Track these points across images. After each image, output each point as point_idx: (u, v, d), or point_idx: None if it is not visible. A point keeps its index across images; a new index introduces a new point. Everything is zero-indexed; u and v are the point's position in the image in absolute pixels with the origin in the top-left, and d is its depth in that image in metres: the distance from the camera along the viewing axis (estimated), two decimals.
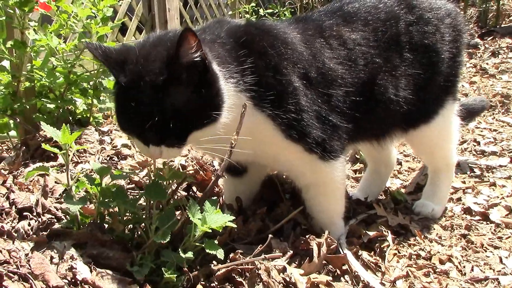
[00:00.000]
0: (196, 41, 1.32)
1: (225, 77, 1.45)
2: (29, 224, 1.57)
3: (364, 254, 1.73)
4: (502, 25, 6.52)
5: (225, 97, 1.43)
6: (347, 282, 1.60)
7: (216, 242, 1.46)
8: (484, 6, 6.80)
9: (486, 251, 1.88)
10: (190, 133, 1.40)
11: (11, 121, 2.67)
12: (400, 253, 1.84)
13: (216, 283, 1.44)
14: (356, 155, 2.74)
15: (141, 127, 1.37)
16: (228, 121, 1.45)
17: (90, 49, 1.43)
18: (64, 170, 2.18)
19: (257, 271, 1.45)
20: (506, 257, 1.83)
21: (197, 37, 1.32)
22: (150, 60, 1.37)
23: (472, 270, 1.76)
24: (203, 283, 1.43)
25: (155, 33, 1.54)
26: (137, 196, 1.63)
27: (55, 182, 1.94)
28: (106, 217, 1.61)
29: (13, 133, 2.74)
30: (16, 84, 2.57)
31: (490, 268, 1.77)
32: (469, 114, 2.44)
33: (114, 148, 2.58)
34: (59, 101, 2.68)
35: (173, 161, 2.45)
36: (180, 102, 1.36)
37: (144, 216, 1.57)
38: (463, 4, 6.80)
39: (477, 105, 2.56)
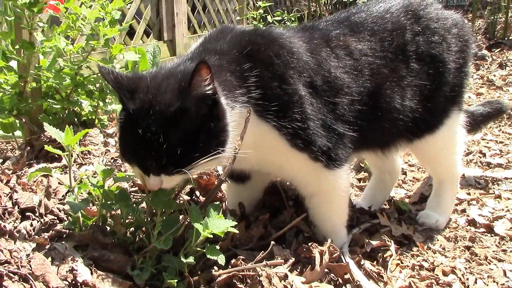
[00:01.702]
0: (209, 74, 1.32)
1: (231, 106, 1.45)
2: (31, 225, 1.57)
3: (367, 264, 1.72)
4: (510, 37, 6.50)
5: (230, 132, 1.43)
6: None
7: (218, 247, 1.45)
8: (492, 18, 6.78)
9: (490, 264, 1.86)
10: (192, 164, 1.39)
11: (17, 121, 2.68)
12: (403, 263, 1.82)
13: None
14: (360, 164, 2.73)
15: (144, 155, 1.36)
16: (231, 150, 1.45)
17: (103, 73, 1.43)
18: (68, 171, 2.18)
19: (258, 278, 1.44)
20: (510, 270, 1.81)
21: (210, 70, 1.32)
22: (161, 90, 1.38)
23: (476, 282, 1.74)
24: None
25: (167, 65, 1.55)
26: (140, 199, 1.63)
27: (59, 183, 1.95)
28: (108, 220, 1.61)
29: (18, 133, 2.76)
30: (23, 84, 2.58)
31: (494, 281, 1.76)
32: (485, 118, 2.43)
33: (119, 151, 2.58)
34: (65, 102, 2.70)
35: None
36: (186, 134, 1.36)
37: (146, 220, 1.56)
38: (471, 15, 6.79)
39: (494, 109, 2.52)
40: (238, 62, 1.53)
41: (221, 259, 1.41)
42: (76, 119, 2.82)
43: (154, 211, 1.53)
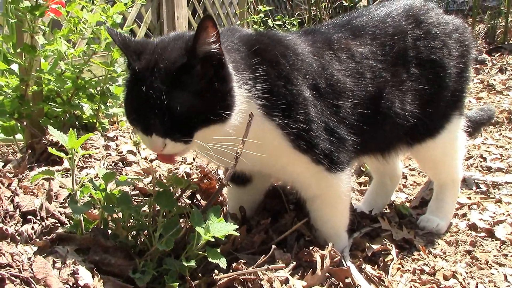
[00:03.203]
0: (215, 31, 1.33)
1: (238, 82, 1.46)
2: (32, 228, 1.57)
3: (368, 268, 1.72)
4: (510, 42, 6.51)
5: (237, 99, 1.43)
6: None
7: (218, 251, 1.45)
8: (492, 22, 6.80)
9: (491, 268, 1.86)
10: (198, 129, 1.38)
11: (18, 124, 2.69)
12: (404, 267, 1.82)
13: None
14: (361, 168, 2.74)
15: (148, 114, 1.35)
16: (238, 124, 1.44)
17: (111, 34, 1.46)
18: (69, 175, 2.18)
19: (259, 282, 1.44)
20: (511, 275, 1.81)
21: (217, 27, 1.32)
22: (167, 50, 1.40)
23: (477, 287, 1.74)
24: None
25: (176, 32, 1.57)
26: (141, 203, 1.63)
27: (60, 186, 1.95)
28: (110, 223, 1.61)
29: (19, 136, 2.76)
30: (24, 87, 2.59)
31: (495, 286, 1.76)
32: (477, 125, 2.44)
33: (120, 154, 2.59)
34: (66, 106, 2.70)
35: (178, 169, 2.45)
36: (190, 93, 1.35)
37: (147, 223, 1.56)
38: (471, 20, 6.81)
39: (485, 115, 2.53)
40: (247, 55, 1.54)
41: (222, 262, 1.41)
42: (77, 123, 2.83)
43: (155, 214, 1.53)
